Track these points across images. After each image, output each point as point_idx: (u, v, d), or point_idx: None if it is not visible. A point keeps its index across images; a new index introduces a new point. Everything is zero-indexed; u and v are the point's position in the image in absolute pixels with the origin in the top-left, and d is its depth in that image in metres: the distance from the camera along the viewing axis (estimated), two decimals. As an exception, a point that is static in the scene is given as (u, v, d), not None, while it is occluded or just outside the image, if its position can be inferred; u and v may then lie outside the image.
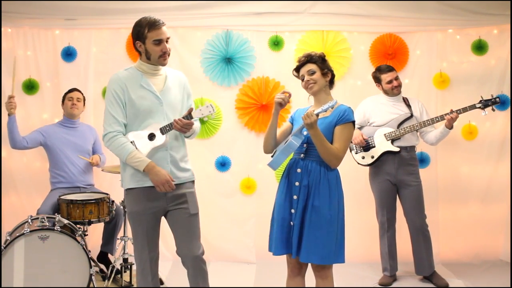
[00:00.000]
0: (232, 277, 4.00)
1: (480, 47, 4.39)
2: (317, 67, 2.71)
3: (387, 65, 3.97)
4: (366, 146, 3.86)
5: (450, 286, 3.77)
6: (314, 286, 2.74)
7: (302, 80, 2.75)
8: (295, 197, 2.64)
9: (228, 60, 4.43)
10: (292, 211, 2.64)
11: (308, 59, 2.73)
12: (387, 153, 3.78)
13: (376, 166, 3.86)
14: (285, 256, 2.74)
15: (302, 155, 2.69)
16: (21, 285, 3.09)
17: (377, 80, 3.92)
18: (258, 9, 4.37)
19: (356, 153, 3.93)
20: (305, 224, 2.59)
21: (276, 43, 4.45)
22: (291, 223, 2.64)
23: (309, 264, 2.72)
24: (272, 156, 2.69)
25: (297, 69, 2.78)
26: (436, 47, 4.42)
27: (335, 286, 2.72)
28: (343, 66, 4.42)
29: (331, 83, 2.77)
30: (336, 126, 2.65)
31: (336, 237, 2.60)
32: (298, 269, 2.73)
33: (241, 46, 4.42)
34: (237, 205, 4.49)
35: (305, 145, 2.68)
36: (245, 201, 4.49)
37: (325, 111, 2.54)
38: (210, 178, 4.46)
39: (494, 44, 4.38)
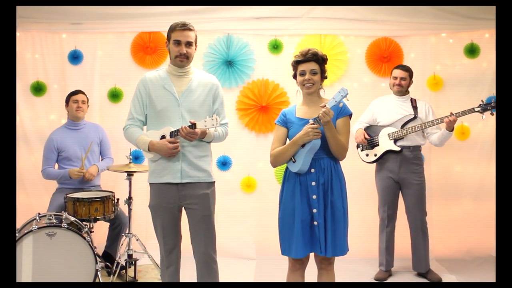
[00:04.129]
0: (233, 272, 4.03)
1: (472, 51, 4.49)
2: (319, 68, 2.73)
3: (405, 65, 4.03)
4: (371, 144, 3.98)
5: (443, 281, 3.84)
6: (316, 279, 2.80)
7: (300, 75, 2.72)
8: (314, 196, 2.64)
9: (229, 63, 4.52)
10: (314, 211, 2.64)
11: (314, 58, 2.71)
12: (389, 151, 3.89)
13: (379, 163, 3.97)
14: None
15: None
16: (29, 280, 3.16)
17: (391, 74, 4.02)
18: (258, 14, 4.45)
19: (362, 150, 4.04)
20: (327, 220, 2.63)
21: (276, 47, 4.53)
22: (314, 222, 2.64)
23: (313, 258, 2.78)
24: (294, 162, 2.69)
25: (298, 63, 2.73)
26: (429, 51, 4.50)
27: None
28: (340, 68, 4.51)
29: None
30: (337, 120, 2.70)
31: (347, 228, 2.71)
32: (300, 264, 2.75)
33: (241, 49, 4.51)
34: (237, 203, 4.53)
35: None
36: (245, 199, 4.55)
37: (338, 103, 2.55)
38: (211, 177, 4.55)
39: (485, 47, 4.47)
